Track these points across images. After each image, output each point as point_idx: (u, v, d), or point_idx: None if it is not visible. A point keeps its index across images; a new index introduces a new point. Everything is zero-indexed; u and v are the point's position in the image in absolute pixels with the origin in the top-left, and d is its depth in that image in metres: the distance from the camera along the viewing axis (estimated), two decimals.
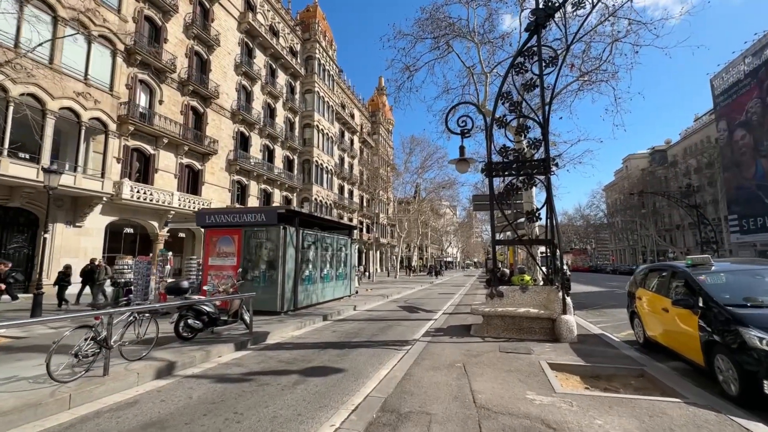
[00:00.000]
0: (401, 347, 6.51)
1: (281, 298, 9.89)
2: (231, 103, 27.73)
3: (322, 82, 39.59)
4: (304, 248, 11.17)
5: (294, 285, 10.48)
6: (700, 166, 62.54)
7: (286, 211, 10.19)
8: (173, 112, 22.58)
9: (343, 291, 14.05)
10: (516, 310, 6.75)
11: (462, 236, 76.80)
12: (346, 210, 46.45)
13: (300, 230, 10.93)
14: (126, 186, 18.54)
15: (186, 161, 23.40)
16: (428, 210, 45.76)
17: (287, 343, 7.04)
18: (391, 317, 10.46)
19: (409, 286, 22.91)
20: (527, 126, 7.81)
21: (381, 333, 7.97)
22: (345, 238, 14.42)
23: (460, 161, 7.90)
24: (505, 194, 7.54)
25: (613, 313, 10.70)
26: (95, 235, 17.87)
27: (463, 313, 10.21)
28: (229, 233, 10.62)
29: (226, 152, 27.17)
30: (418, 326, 8.81)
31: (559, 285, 6.84)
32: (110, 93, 17.47)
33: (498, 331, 6.94)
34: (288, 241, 10.30)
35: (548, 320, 6.70)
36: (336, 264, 13.42)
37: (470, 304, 12.44)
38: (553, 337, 6.57)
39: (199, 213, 10.97)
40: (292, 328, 8.31)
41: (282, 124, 34.10)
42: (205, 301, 6.88)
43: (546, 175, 7.30)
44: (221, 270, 10.53)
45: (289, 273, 10.27)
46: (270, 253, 10.16)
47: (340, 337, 7.60)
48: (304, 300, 11.03)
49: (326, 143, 40.46)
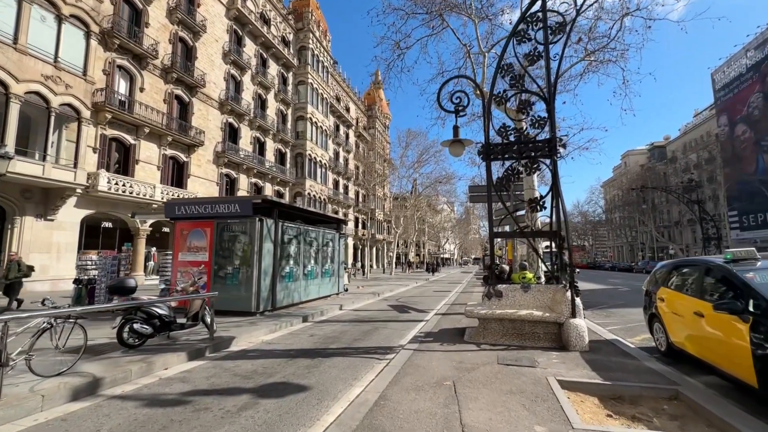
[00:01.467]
0: (383, 356, 5.58)
1: (256, 298, 8.94)
2: (219, 92, 26.61)
3: (315, 73, 38.44)
4: (284, 243, 10.20)
5: (272, 283, 9.53)
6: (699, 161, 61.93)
7: (262, 201, 9.21)
8: (156, 100, 21.46)
9: (330, 289, 13.11)
10: (517, 313, 5.83)
11: (459, 233, 76.03)
12: (341, 205, 45.45)
13: (279, 223, 9.96)
14: (102, 177, 17.48)
15: (170, 152, 22.32)
16: (425, 206, 44.83)
17: (253, 351, 6.09)
18: (379, 318, 9.53)
19: (404, 284, 22.02)
20: (530, 102, 6.86)
21: (364, 338, 7.04)
22: (332, 233, 13.45)
23: (454, 143, 6.94)
24: (504, 180, 6.59)
25: (621, 313, 9.81)
26: (69, 229, 16.83)
27: (457, 314, 9.29)
28: (201, 226, 9.64)
29: (214, 144, 26.09)
30: (407, 329, 7.89)
31: (568, 284, 5.91)
32: (83, 77, 16.37)
33: (496, 337, 6.02)
34: (265, 234, 9.33)
35: (554, 324, 5.78)
36: (322, 260, 12.46)
37: (465, 303, 11.53)
38: (559, 344, 5.66)
39: (168, 203, 9.98)
40: (265, 331, 7.36)
41: (273, 116, 32.99)
42: (156, 302, 5.92)
43: (552, 157, 6.36)
44: (193, 266, 9.57)
45: (266, 270, 9.31)
46: (244, 247, 9.19)
47: (316, 342, 6.66)
48: (284, 299, 10.08)
49: (320, 137, 39.38)
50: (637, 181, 61.25)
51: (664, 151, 70.76)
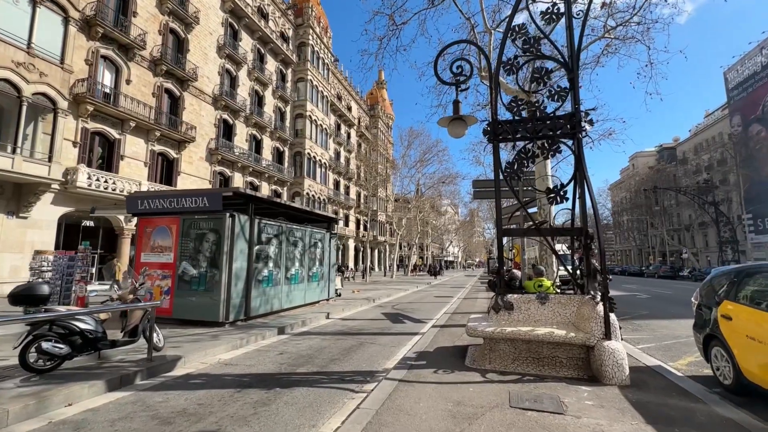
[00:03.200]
0: (359, 388, 4.33)
1: (225, 306, 7.72)
2: (213, 87, 25.57)
3: (315, 70, 37.40)
4: (261, 242, 8.99)
5: (245, 288, 8.31)
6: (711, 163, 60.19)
7: (234, 194, 8.01)
8: (144, 93, 20.42)
9: (319, 294, 11.87)
10: (533, 332, 4.55)
11: (464, 235, 74.59)
12: (341, 206, 44.30)
13: (256, 220, 8.76)
14: (82, 172, 16.40)
15: (158, 148, 21.25)
16: (428, 207, 43.53)
17: (199, 376, 4.86)
18: (368, 330, 8.27)
19: (403, 288, 20.73)
20: (548, 71, 5.61)
21: (343, 358, 5.78)
22: (322, 232, 12.22)
23: (454, 120, 5.69)
24: (515, 165, 5.33)
25: (650, 326, 8.46)
26: (45, 227, 15.75)
27: (458, 326, 8.01)
28: (166, 222, 8.46)
29: (207, 140, 25.02)
30: (397, 345, 6.63)
31: (598, 294, 4.63)
32: (60, 66, 15.32)
33: (506, 362, 4.74)
34: (237, 232, 8.12)
35: (581, 348, 4.50)
36: (309, 262, 11.23)
37: (468, 313, 10.25)
38: (588, 374, 4.38)
39: (130, 197, 8.82)
40: (226, 347, 6.14)
41: (271, 114, 31.92)
42: (77, 314, 4.71)
43: (575, 136, 5.09)
44: (157, 269, 8.39)
45: (238, 273, 8.09)
46: (213, 247, 7.99)
47: (283, 364, 5.42)
48: (261, 307, 8.85)
49: (320, 135, 38.27)
50: (646, 183, 59.53)
51: (674, 152, 69.01)
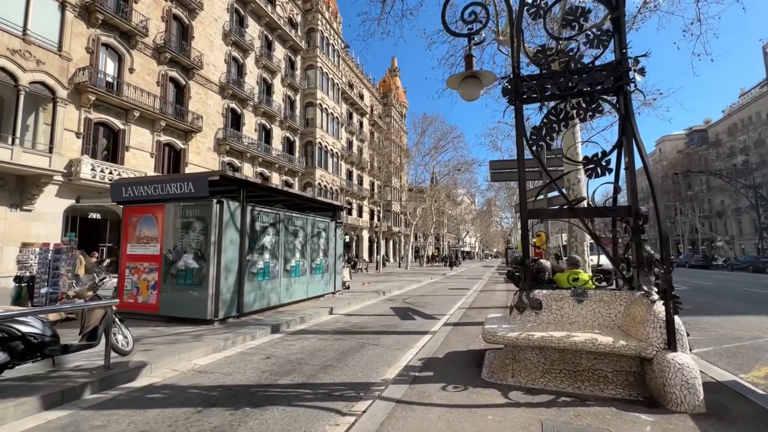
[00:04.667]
0: (347, 408, 3.46)
1: (214, 301, 6.98)
2: (219, 76, 24.95)
3: (325, 57, 36.36)
4: (255, 231, 8.20)
5: (237, 282, 7.55)
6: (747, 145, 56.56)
7: (221, 178, 7.20)
8: (148, 82, 19.93)
9: (323, 288, 11.08)
10: (569, 338, 3.55)
11: (481, 225, 72.91)
12: (355, 197, 43.55)
13: (249, 207, 7.96)
14: (85, 164, 16.05)
15: (164, 139, 20.81)
16: (443, 196, 42.25)
17: (163, 388, 4.10)
18: (372, 327, 7.41)
19: (417, 279, 19.82)
20: (585, 11, 4.51)
21: (336, 364, 4.92)
22: (326, 221, 11.38)
23: (467, 79, 4.66)
24: (544, 130, 4.28)
25: (700, 324, 7.27)
26: (50, 220, 15.50)
27: (473, 324, 7.05)
28: (152, 211, 7.76)
29: (215, 130, 24.51)
30: (402, 348, 5.73)
31: (654, 290, 3.59)
32: (58, 54, 14.86)
33: (533, 375, 3.77)
34: (227, 221, 7.34)
35: (633, 360, 3.49)
36: (311, 253, 10.43)
37: (485, 308, 9.26)
38: (644, 394, 3.37)
39: (114, 184, 8.16)
40: (205, 350, 5.38)
41: (280, 102, 31.19)
42: (16, 315, 3.99)
43: (622, 90, 4.00)
44: (143, 261, 7.73)
45: (228, 265, 7.33)
46: (200, 237, 7.24)
47: (264, 372, 4.61)
48: (256, 302, 8.10)
49: (331, 124, 37.38)
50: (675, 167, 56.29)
51: (705, 135, 65.25)
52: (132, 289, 7.74)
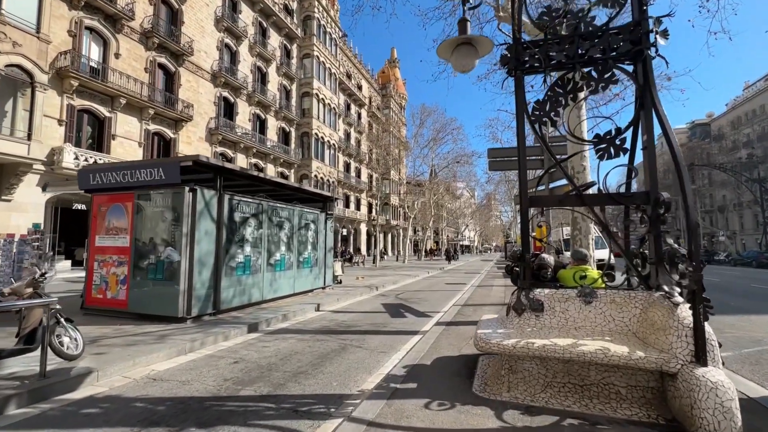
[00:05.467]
0: (311, 430, 2.91)
1: (186, 297, 6.43)
2: (211, 63, 24.18)
3: (322, 45, 35.46)
4: (235, 222, 7.62)
5: (214, 277, 6.99)
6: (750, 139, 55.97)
7: (194, 163, 6.59)
8: (135, 69, 19.19)
9: (312, 282, 10.52)
10: (576, 347, 2.99)
11: (480, 219, 72.39)
12: (353, 190, 42.89)
13: (227, 196, 7.36)
14: (68, 152, 15.41)
15: (153, 128, 20.13)
16: (442, 190, 41.60)
17: (104, 400, 3.55)
18: (358, 327, 6.86)
19: (413, 274, 19.30)
20: None
21: (311, 370, 4.38)
22: (315, 212, 10.79)
23: (461, 46, 4.05)
24: (548, 103, 3.68)
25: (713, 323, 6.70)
26: (32, 211, 14.90)
27: (468, 323, 6.51)
28: (121, 200, 7.17)
29: (206, 120, 23.81)
30: (388, 351, 5.19)
31: (675, 291, 3.03)
32: (36, 36, 14.14)
33: (533, 389, 3.22)
34: (201, 210, 6.76)
35: (652, 374, 2.94)
36: (299, 246, 9.86)
37: (481, 305, 8.72)
38: (666, 416, 2.82)
39: (81, 171, 7.54)
40: (168, 353, 4.83)
41: (275, 92, 30.40)
42: None
43: (641, 55, 3.40)
44: (113, 254, 7.16)
45: (203, 258, 6.76)
46: (171, 228, 6.66)
47: (227, 380, 4.06)
48: (235, 298, 7.54)
49: (329, 115, 36.60)
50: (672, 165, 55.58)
51: (708, 129, 64.56)
52: (101, 283, 7.18)
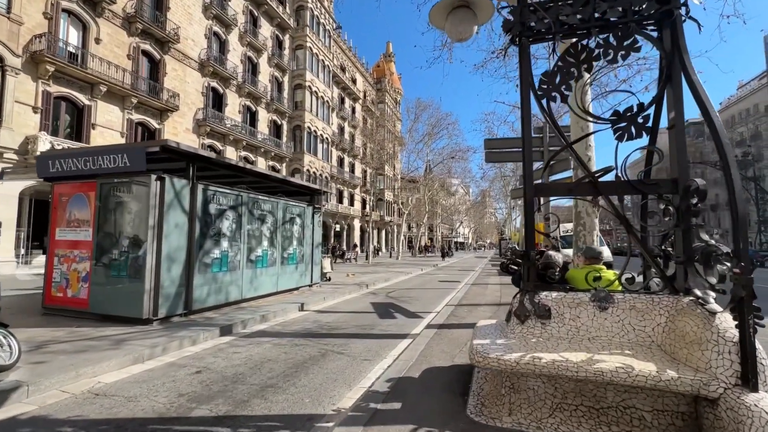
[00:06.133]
0: None
1: (152, 297, 5.82)
2: (199, 51, 23.34)
3: (315, 37, 34.64)
4: (210, 215, 7.01)
5: (185, 274, 6.39)
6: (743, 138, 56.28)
7: (162, 149, 5.96)
8: (117, 55, 18.35)
9: (298, 280, 9.95)
10: (593, 364, 2.47)
11: (474, 216, 72.18)
12: (346, 185, 42.23)
13: (200, 186, 6.75)
14: (42, 141, 14.61)
15: (137, 117, 19.32)
16: (437, 186, 41.10)
17: (30, 423, 2.98)
18: (342, 329, 6.31)
19: (406, 271, 18.80)
20: None
21: (281, 384, 3.82)
22: (301, 206, 10.20)
23: (459, 9, 3.48)
24: (556, 78, 3.14)
25: None
26: (3, 203, 14.12)
27: (462, 326, 6.00)
28: (83, 189, 6.52)
29: (194, 110, 23.01)
30: (372, 359, 4.65)
31: (710, 297, 2.52)
32: (7, 16, 13.30)
33: (540, 413, 2.70)
34: (170, 201, 6.14)
35: (684, 397, 2.42)
36: (283, 242, 9.27)
37: (476, 305, 8.21)
38: None
39: (40, 158, 6.87)
40: (121, 362, 4.24)
41: (267, 83, 29.60)
42: None
43: (670, 16, 2.87)
44: (74, 248, 6.52)
45: (172, 254, 6.15)
46: (136, 220, 6.04)
47: (182, 396, 3.49)
48: (210, 297, 6.95)
49: (322, 108, 35.84)
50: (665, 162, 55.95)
51: (701, 127, 64.75)
52: (61, 281, 6.55)
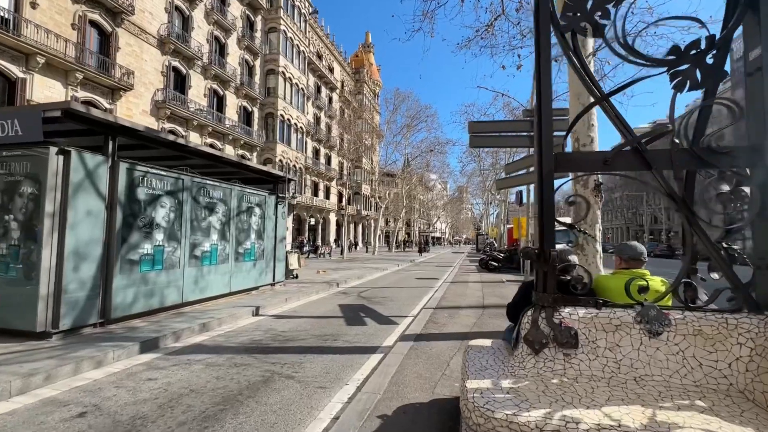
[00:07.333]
0: None
1: (51, 303, 4.53)
2: (158, 27, 21.29)
3: (290, 20, 32.82)
4: (138, 201, 5.71)
5: (102, 273, 5.10)
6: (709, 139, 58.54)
7: (64, 114, 4.61)
8: (59, 24, 16.25)
9: (257, 279, 8.73)
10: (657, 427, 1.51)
11: (452, 211, 72.21)
12: (322, 177, 40.72)
13: (124, 165, 5.44)
14: None
15: (83, 95, 17.27)
16: (414, 180, 40.30)
17: None
18: (299, 340, 5.22)
19: (382, 267, 17.81)
20: None
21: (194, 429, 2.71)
22: (262, 194, 8.95)
23: None
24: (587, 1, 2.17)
25: None
26: None
27: (443, 337, 5.04)
28: None
29: (152, 91, 21.02)
30: (329, 386, 3.60)
31: None
32: None
33: None
34: (79, 181, 4.83)
35: None
36: (239, 235, 8.02)
37: (457, 307, 7.30)
38: None
39: None
40: None
41: (236, 66, 27.69)
42: None
43: None
44: None
45: (82, 249, 4.86)
46: (30, 205, 4.70)
47: None
48: (139, 302, 5.67)
49: (296, 96, 34.15)
50: None
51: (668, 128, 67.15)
52: None
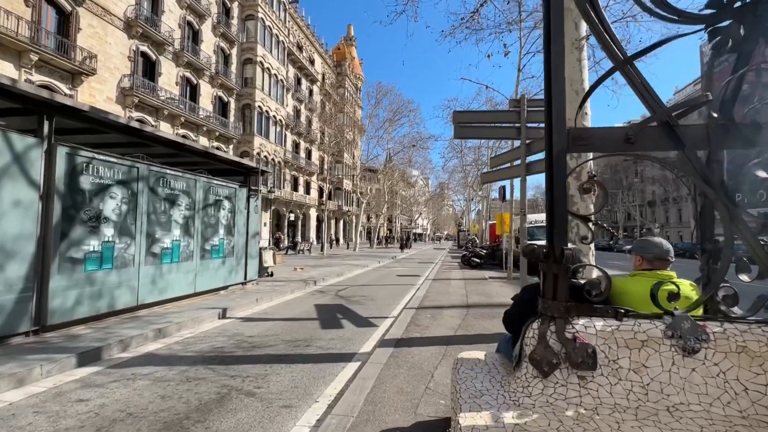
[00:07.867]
0: None
1: None
2: (125, 9, 19.96)
3: (269, 8, 31.68)
4: (83, 191, 5.02)
5: (36, 273, 4.42)
6: None
7: None
8: (10, 1, 14.90)
9: (226, 278, 8.09)
10: None
11: (433, 207, 72.38)
12: (302, 172, 39.77)
13: (62, 149, 4.74)
14: None
15: (39, 79, 15.97)
16: (396, 176, 39.94)
17: None
18: (267, 347, 4.70)
19: (362, 264, 17.35)
20: None
21: None
22: (232, 186, 8.30)
23: None
24: None
25: None
26: None
27: (426, 343, 4.62)
28: None
29: (118, 77, 19.73)
30: (296, 404, 3.12)
31: None
32: None
33: None
34: (5, 167, 4.13)
35: None
36: (205, 230, 7.37)
37: (440, 306, 6.91)
38: None
39: None
40: None
41: (211, 54, 26.47)
42: None
43: None
44: None
45: (9, 246, 4.17)
46: None
47: None
48: (82, 306, 4.99)
49: (275, 88, 33.08)
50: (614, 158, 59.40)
51: None
52: None
